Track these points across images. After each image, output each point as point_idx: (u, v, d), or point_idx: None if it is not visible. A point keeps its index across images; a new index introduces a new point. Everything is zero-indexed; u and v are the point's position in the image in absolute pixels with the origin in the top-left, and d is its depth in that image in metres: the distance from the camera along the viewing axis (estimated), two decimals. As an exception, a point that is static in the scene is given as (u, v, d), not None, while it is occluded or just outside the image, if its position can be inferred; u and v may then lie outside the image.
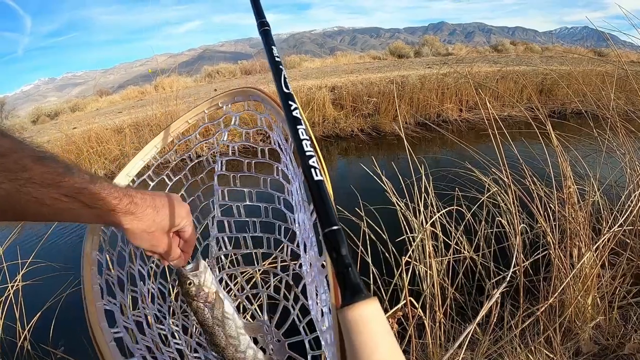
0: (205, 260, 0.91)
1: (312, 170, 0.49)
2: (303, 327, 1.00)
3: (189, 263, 0.88)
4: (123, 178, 0.90)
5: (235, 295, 1.21)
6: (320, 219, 0.43)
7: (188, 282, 0.86)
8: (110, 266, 0.80)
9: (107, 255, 0.80)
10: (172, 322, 0.97)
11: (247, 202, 1.12)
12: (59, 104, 18.62)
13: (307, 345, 0.95)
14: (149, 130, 7.36)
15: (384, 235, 2.58)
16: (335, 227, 0.42)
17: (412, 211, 2.49)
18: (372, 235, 2.58)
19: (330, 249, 0.41)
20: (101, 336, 0.62)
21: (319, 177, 0.48)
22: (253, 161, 1.07)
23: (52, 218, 0.56)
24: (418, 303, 1.79)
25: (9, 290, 2.87)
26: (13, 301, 2.83)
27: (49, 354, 2.59)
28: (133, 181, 0.92)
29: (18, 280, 2.94)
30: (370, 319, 0.33)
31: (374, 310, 0.34)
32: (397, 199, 2.58)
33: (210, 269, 1.07)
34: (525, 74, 8.89)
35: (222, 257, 1.17)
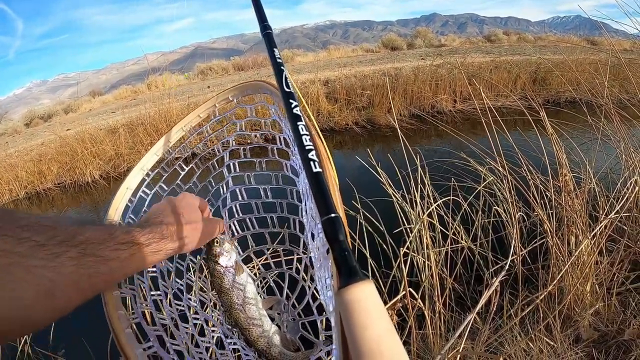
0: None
1: (311, 162, 0.51)
2: (316, 307, 1.03)
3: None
4: (137, 172, 0.92)
5: (258, 270, 1.25)
6: (319, 208, 0.46)
7: (215, 240, 0.89)
8: None
9: None
10: (190, 298, 0.99)
11: (259, 185, 1.15)
12: (52, 105, 18.59)
13: (320, 326, 0.98)
14: (143, 129, 7.36)
15: (381, 227, 2.58)
16: (332, 215, 0.44)
17: (408, 202, 2.49)
18: (369, 228, 2.58)
19: (329, 236, 0.43)
20: (118, 324, 0.64)
21: (317, 169, 0.50)
22: (269, 147, 1.08)
23: (121, 271, 0.58)
24: (417, 294, 1.80)
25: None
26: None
27: (49, 357, 2.58)
28: (148, 174, 0.95)
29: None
30: (363, 299, 0.34)
31: (368, 290, 0.35)
32: (393, 190, 2.58)
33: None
34: (519, 63, 8.90)
35: (248, 237, 1.19)
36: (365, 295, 0.35)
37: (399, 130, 2.32)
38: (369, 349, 0.31)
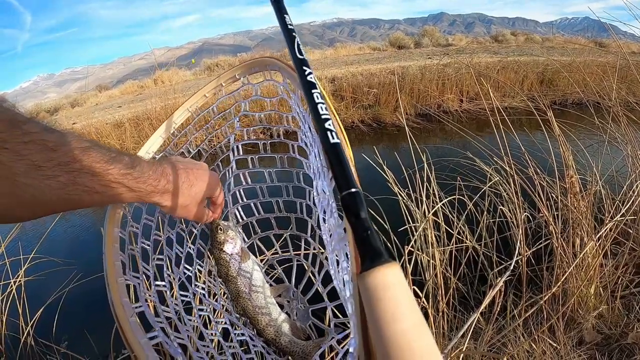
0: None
1: (329, 132, 0.48)
2: (326, 294, 1.00)
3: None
4: (143, 155, 0.91)
5: (264, 257, 1.21)
6: (338, 182, 0.43)
7: (219, 227, 0.90)
8: (134, 239, 0.81)
9: (131, 230, 0.81)
10: (198, 285, 0.97)
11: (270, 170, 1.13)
12: (58, 99, 18.60)
13: (330, 313, 0.96)
14: (149, 124, 7.35)
15: (385, 225, 2.57)
16: (353, 190, 0.41)
17: (414, 201, 2.48)
18: (374, 225, 2.57)
19: (349, 212, 0.39)
20: (122, 312, 0.63)
21: (336, 140, 0.47)
22: (277, 128, 1.07)
23: (101, 204, 0.61)
24: (421, 293, 1.80)
25: (12, 286, 2.89)
26: (16, 297, 2.85)
27: (52, 349, 2.59)
28: (154, 158, 0.93)
29: (20, 276, 2.96)
30: (391, 285, 0.31)
31: (395, 274, 0.31)
32: (399, 188, 2.58)
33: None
34: (526, 64, 8.86)
35: (254, 223, 1.17)
36: (393, 280, 0.31)
37: (407, 129, 2.32)
38: (398, 345, 0.27)
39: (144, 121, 7.58)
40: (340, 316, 0.96)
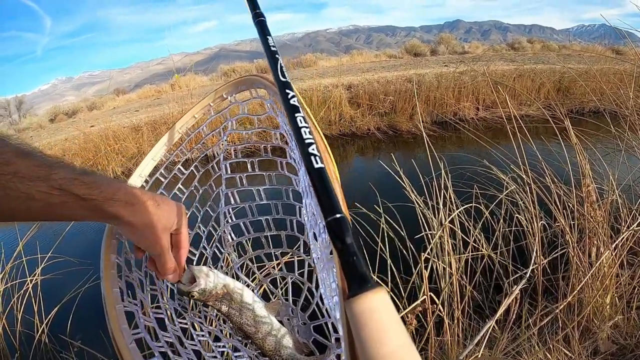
0: (200, 266, 0.88)
1: (312, 157, 0.47)
2: (326, 309, 0.97)
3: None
4: (136, 179, 0.88)
5: (259, 281, 1.19)
6: (323, 207, 0.42)
7: (190, 295, 0.84)
8: (130, 267, 0.80)
9: (126, 257, 0.79)
10: (194, 315, 0.95)
11: (262, 187, 1.12)
12: (76, 102, 18.85)
13: (331, 329, 0.94)
14: (166, 128, 7.37)
15: (402, 232, 2.58)
16: (338, 215, 0.40)
17: (430, 209, 2.49)
18: (390, 233, 2.58)
19: (335, 238, 0.39)
20: (121, 339, 0.62)
21: (320, 165, 0.46)
22: (265, 145, 1.06)
23: (44, 216, 0.52)
24: (437, 300, 1.80)
25: (28, 285, 2.95)
26: (32, 295, 2.91)
27: (66, 346, 2.64)
28: (146, 181, 0.90)
29: (37, 275, 3.03)
30: (376, 310, 0.31)
31: (382, 300, 0.32)
32: (415, 196, 2.59)
33: (229, 255, 1.09)
34: (543, 72, 8.81)
35: (244, 242, 1.16)
36: (378, 306, 0.32)
37: (425, 137, 2.33)
38: None
39: (161, 125, 7.66)
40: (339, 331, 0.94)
